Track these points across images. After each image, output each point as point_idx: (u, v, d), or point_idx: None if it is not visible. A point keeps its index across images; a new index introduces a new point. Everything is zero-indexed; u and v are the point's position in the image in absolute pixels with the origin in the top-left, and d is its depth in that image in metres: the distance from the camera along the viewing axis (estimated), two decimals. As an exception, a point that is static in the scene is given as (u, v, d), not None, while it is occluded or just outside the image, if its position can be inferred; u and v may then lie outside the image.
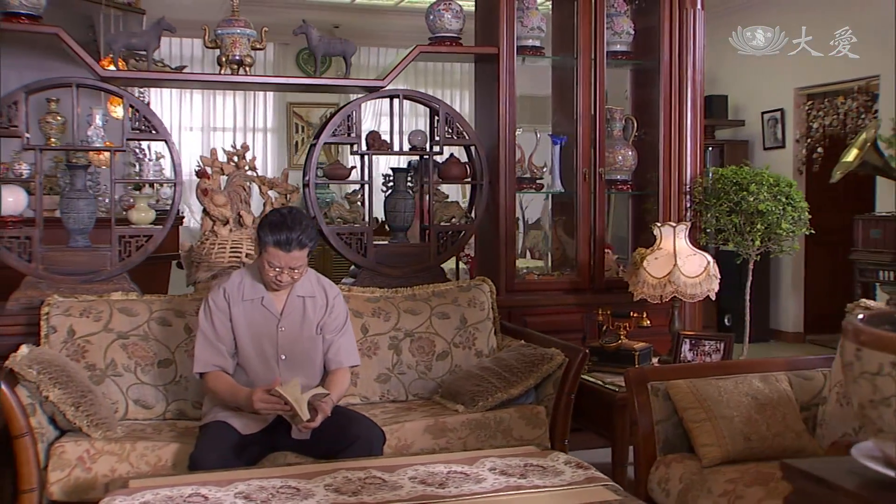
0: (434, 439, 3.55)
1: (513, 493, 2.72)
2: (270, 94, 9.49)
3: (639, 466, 3.22)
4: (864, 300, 3.32)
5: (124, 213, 4.91)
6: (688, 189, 5.00)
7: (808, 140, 8.13)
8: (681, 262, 4.11)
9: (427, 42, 4.79)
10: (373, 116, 9.05)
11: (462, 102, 9.92)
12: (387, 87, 4.62)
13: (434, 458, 3.08)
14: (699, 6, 5.01)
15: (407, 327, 4.09)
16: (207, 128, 9.46)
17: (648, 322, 4.23)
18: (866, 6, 6.74)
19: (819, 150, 7.99)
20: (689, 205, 4.99)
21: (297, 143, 10.06)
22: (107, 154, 5.52)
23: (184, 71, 7.35)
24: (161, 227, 4.32)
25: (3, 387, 3.12)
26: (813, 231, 4.79)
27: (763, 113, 8.45)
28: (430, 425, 3.58)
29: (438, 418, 3.62)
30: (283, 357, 3.40)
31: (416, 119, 7.76)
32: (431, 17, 4.73)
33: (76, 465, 3.21)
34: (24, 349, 3.38)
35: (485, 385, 3.74)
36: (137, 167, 6.87)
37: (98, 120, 4.34)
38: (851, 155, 7.04)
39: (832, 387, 3.13)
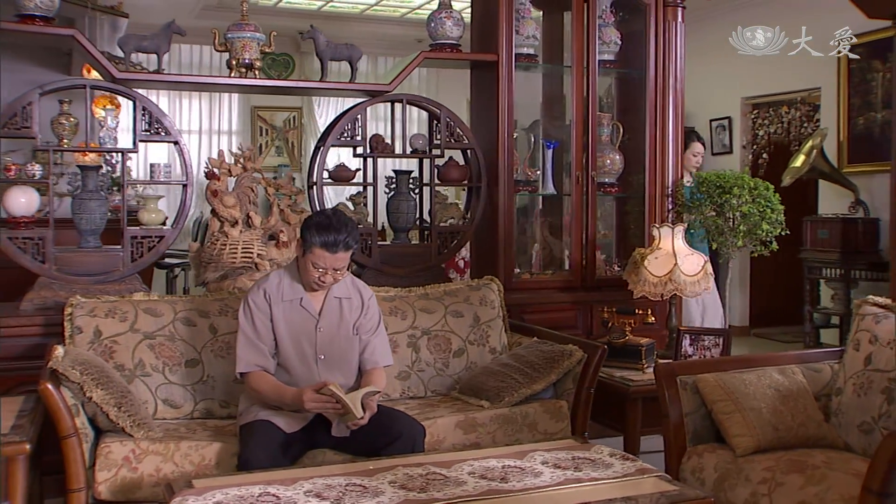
0: (465, 434, 3.67)
1: (575, 486, 2.84)
2: (235, 97, 9.40)
3: (669, 457, 3.39)
4: (871, 296, 3.53)
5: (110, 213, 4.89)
6: (670, 192, 5.23)
7: (755, 146, 8.57)
8: (680, 262, 4.33)
9: (428, 48, 4.90)
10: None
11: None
12: (393, 92, 4.71)
13: (483, 452, 3.19)
14: (680, 19, 5.26)
15: (423, 326, 4.20)
16: (173, 130, 9.34)
17: (653, 319, 4.43)
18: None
19: (764, 155, 8.47)
20: (671, 206, 5.23)
21: (261, 145, 10.01)
22: (91, 156, 5.49)
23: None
24: (172, 228, 4.34)
25: (51, 388, 3.12)
26: (788, 232, 5.07)
27: (711, 120, 8.81)
28: (461, 421, 3.69)
29: (468, 414, 3.74)
30: (322, 357, 3.46)
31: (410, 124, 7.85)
32: (433, 24, 4.83)
33: (122, 465, 3.23)
34: (60, 350, 3.36)
35: (508, 381, 3.87)
36: (105, 169, 6.78)
37: (110, 122, 4.31)
38: (799, 161, 7.50)
39: (847, 378, 3.37)
